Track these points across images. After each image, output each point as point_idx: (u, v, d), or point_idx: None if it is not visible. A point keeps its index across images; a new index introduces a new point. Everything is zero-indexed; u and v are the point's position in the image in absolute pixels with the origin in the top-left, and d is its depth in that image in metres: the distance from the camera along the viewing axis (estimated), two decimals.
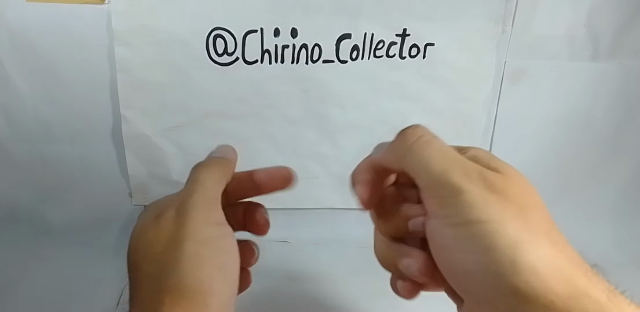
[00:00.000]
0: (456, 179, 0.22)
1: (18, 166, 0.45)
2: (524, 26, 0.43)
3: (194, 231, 0.24)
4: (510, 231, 0.20)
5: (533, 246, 0.20)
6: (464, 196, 0.21)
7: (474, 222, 0.21)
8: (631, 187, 0.51)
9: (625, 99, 0.47)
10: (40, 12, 0.39)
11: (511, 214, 0.21)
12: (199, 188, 0.27)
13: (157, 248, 0.24)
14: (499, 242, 0.20)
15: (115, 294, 0.41)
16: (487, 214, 0.21)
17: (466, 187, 0.21)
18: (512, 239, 0.20)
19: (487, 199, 0.21)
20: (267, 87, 0.42)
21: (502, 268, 0.20)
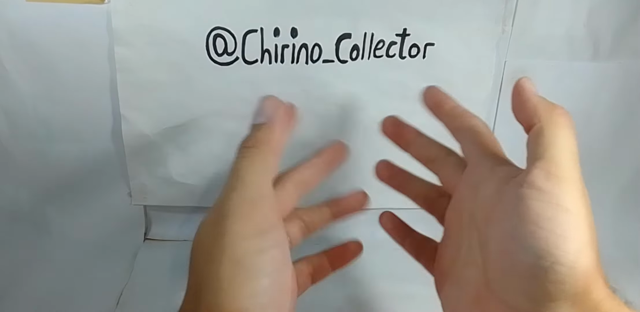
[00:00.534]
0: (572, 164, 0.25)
1: (18, 165, 0.45)
2: (524, 26, 0.43)
3: (229, 247, 0.22)
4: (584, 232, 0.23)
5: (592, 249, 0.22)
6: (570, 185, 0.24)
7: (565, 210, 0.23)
8: (631, 187, 0.51)
9: (625, 99, 0.47)
10: (40, 12, 0.39)
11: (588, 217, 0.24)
12: (237, 185, 0.24)
13: (198, 262, 0.23)
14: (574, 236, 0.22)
15: (115, 294, 0.41)
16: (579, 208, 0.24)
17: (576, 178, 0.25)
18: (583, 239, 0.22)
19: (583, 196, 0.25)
20: (267, 87, 0.42)
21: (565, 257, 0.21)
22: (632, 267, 0.48)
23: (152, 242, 0.48)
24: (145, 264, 0.45)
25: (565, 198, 0.23)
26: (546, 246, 0.21)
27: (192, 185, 0.46)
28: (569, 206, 0.23)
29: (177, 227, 0.49)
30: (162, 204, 0.47)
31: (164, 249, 0.47)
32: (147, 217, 0.49)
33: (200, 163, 0.45)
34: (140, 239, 0.48)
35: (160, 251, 0.47)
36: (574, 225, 0.22)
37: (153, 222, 0.49)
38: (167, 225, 0.49)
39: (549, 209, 0.22)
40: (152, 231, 0.49)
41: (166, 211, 0.48)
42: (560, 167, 0.23)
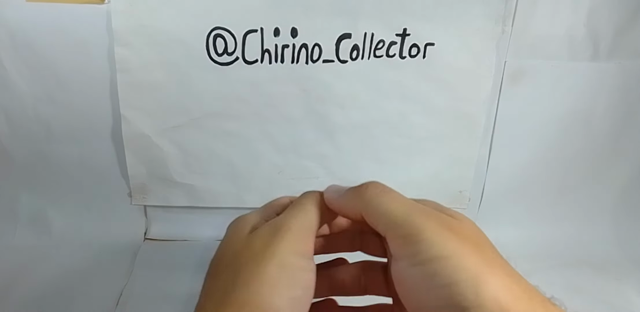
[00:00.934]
0: (417, 219, 0.23)
1: (18, 165, 0.45)
2: (524, 26, 0.43)
3: (281, 255, 0.23)
4: (470, 265, 0.21)
5: (493, 277, 0.21)
6: (425, 234, 0.22)
7: (436, 258, 0.22)
8: (631, 187, 0.50)
9: (625, 99, 0.47)
10: (40, 12, 0.39)
11: (469, 250, 0.22)
12: (302, 215, 0.26)
13: (241, 260, 0.24)
14: (461, 276, 0.21)
15: (115, 294, 0.41)
16: (447, 250, 0.22)
17: (426, 226, 0.23)
18: (473, 272, 0.21)
19: (446, 236, 0.22)
20: (267, 87, 0.42)
21: (467, 301, 0.21)
22: (632, 267, 0.48)
23: (152, 242, 0.48)
24: (145, 264, 0.45)
25: (429, 249, 0.22)
26: (447, 300, 0.21)
27: (192, 185, 0.46)
28: (439, 254, 0.22)
29: (177, 227, 0.49)
30: (162, 204, 0.47)
31: (164, 249, 0.47)
32: (147, 217, 0.49)
33: (200, 163, 0.45)
34: (140, 239, 0.48)
35: (160, 251, 0.47)
36: (457, 266, 0.21)
37: (153, 222, 0.49)
38: (167, 225, 0.49)
39: (423, 269, 0.22)
40: (152, 231, 0.49)
41: (166, 211, 0.48)
42: (401, 227, 0.23)
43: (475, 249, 0.22)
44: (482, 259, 0.22)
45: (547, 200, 0.51)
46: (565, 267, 0.47)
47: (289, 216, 0.26)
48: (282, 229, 0.25)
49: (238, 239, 0.26)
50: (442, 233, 0.22)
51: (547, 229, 0.51)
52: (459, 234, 0.23)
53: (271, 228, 0.25)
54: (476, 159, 0.48)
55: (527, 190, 0.50)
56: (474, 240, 0.23)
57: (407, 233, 0.23)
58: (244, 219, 0.27)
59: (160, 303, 0.40)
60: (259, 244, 0.24)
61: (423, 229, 0.22)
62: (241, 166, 0.46)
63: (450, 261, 0.21)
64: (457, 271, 0.21)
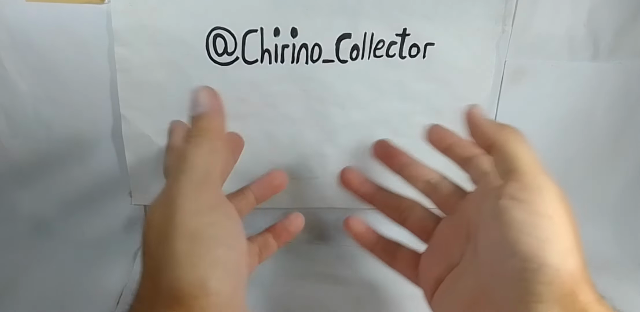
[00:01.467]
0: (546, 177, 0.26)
1: (18, 165, 0.45)
2: (524, 26, 0.43)
3: (182, 223, 0.22)
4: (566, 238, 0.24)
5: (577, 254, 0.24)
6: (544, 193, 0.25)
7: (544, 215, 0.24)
8: (631, 187, 0.51)
9: (625, 99, 0.47)
10: (40, 12, 0.39)
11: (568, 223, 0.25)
12: (186, 168, 0.24)
13: (151, 243, 0.23)
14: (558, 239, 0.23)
15: (115, 294, 0.41)
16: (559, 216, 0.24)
17: (551, 186, 0.25)
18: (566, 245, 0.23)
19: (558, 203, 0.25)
20: (267, 87, 0.42)
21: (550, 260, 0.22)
22: (632, 267, 0.48)
23: None
24: None
25: (544, 206, 0.24)
26: (532, 250, 0.22)
27: None
28: (550, 213, 0.24)
29: None
30: None
31: None
32: None
33: None
34: (140, 238, 0.48)
35: None
36: (557, 230, 0.23)
37: None
38: None
39: (530, 217, 0.23)
40: None
41: None
42: (532, 177, 0.25)
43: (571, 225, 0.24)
44: (575, 236, 0.24)
45: None
46: None
47: (173, 178, 0.24)
48: (173, 195, 0.24)
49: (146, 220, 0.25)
50: (559, 199, 0.24)
51: None
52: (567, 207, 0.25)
53: (161, 201, 0.24)
54: None
55: None
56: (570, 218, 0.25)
57: (531, 183, 0.25)
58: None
59: None
60: (159, 221, 0.24)
61: (547, 188, 0.24)
62: (241, 165, 0.46)
63: (554, 225, 0.23)
64: (556, 235, 0.23)
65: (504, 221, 0.24)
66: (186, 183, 0.24)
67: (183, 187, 0.24)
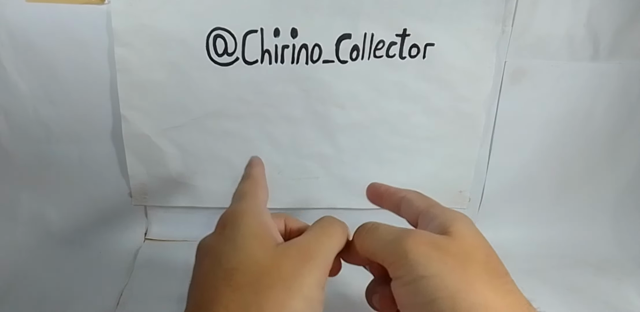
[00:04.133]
0: (402, 244, 0.25)
1: (18, 166, 0.45)
2: (524, 26, 0.43)
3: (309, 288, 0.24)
4: (450, 283, 0.23)
5: (471, 295, 0.23)
6: (410, 256, 0.24)
7: (419, 278, 0.24)
8: (631, 187, 0.51)
9: (625, 99, 0.47)
10: (40, 12, 0.39)
11: (451, 268, 0.24)
12: (328, 242, 0.27)
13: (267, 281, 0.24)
14: (440, 294, 0.23)
15: (115, 294, 0.41)
16: (429, 270, 0.24)
17: (410, 249, 0.24)
18: (451, 290, 0.23)
19: (430, 257, 0.24)
20: (267, 87, 0.43)
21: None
22: (632, 267, 0.48)
23: (152, 242, 0.48)
24: (145, 264, 0.45)
25: (413, 270, 0.24)
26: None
27: (192, 185, 0.46)
28: (423, 274, 0.24)
29: (177, 227, 0.49)
30: (162, 204, 0.47)
31: (164, 249, 0.47)
32: (147, 217, 0.49)
33: (200, 163, 0.45)
34: (140, 239, 0.48)
35: (160, 251, 0.47)
36: (437, 285, 0.23)
37: (153, 222, 0.49)
38: (167, 225, 0.49)
39: (410, 288, 0.24)
40: (152, 231, 0.49)
41: (166, 211, 0.48)
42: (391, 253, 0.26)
43: (458, 267, 0.24)
44: (463, 276, 0.23)
45: (547, 200, 0.51)
46: (565, 267, 0.47)
47: (318, 242, 0.27)
48: (312, 257, 0.25)
49: (263, 252, 0.25)
50: (427, 254, 0.24)
51: (547, 229, 0.51)
52: (444, 253, 0.24)
53: (301, 252, 0.25)
54: (476, 159, 0.48)
55: (527, 190, 0.50)
56: (460, 257, 0.24)
57: (395, 258, 0.25)
58: (261, 225, 0.27)
59: (160, 303, 0.40)
60: (288, 268, 0.24)
61: (408, 252, 0.24)
62: (241, 166, 0.46)
63: (431, 280, 0.23)
64: (437, 290, 0.23)
65: (400, 303, 0.25)
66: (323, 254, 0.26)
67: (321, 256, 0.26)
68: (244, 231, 0.26)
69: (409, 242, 0.25)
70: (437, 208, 0.29)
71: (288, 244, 0.26)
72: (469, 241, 0.26)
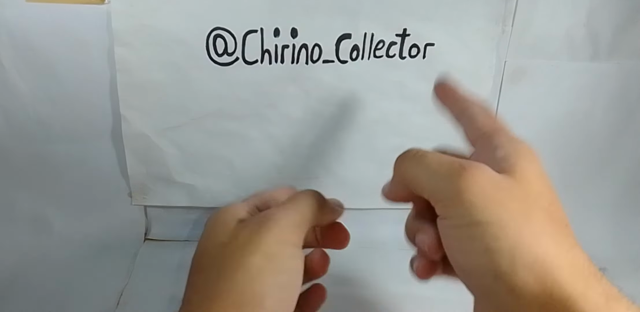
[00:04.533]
0: (457, 179, 0.22)
1: (18, 165, 0.45)
2: (524, 26, 0.43)
3: (266, 245, 0.24)
4: (511, 233, 0.21)
5: (533, 247, 0.20)
6: (465, 196, 0.21)
7: (475, 223, 0.21)
8: (631, 187, 0.51)
9: (625, 99, 0.47)
10: (40, 12, 0.39)
11: (512, 215, 0.21)
12: (293, 209, 0.27)
13: (226, 251, 0.25)
14: (499, 245, 0.20)
15: (115, 294, 0.41)
16: (488, 215, 0.21)
17: (466, 186, 0.21)
18: (511, 241, 0.20)
19: (488, 199, 0.21)
20: (267, 87, 0.43)
21: (501, 269, 0.20)
22: (631, 268, 0.48)
23: (152, 242, 0.48)
24: (145, 264, 0.45)
25: (468, 214, 0.21)
26: (481, 264, 0.21)
27: (192, 185, 0.46)
28: (480, 219, 0.21)
29: (177, 227, 0.49)
30: (162, 204, 0.47)
31: (164, 249, 0.47)
32: (147, 217, 0.49)
33: (200, 163, 0.45)
34: (140, 239, 0.48)
35: (160, 251, 0.47)
36: (495, 234, 0.21)
37: (153, 222, 0.49)
38: (167, 225, 0.49)
39: (462, 232, 0.22)
40: (152, 231, 0.49)
41: (166, 211, 0.48)
42: (441, 190, 0.22)
43: (521, 214, 0.21)
44: (526, 226, 0.21)
45: None
46: None
47: (280, 209, 0.26)
48: (269, 221, 0.25)
49: (223, 231, 0.26)
50: (486, 195, 0.21)
51: None
52: (507, 197, 0.21)
53: (259, 219, 0.25)
54: None
55: None
56: (524, 202, 0.22)
57: (446, 196, 0.22)
58: (227, 211, 0.28)
59: (160, 303, 0.40)
60: (246, 235, 0.25)
61: (463, 191, 0.21)
62: (241, 166, 0.46)
63: (490, 227, 0.21)
64: (495, 239, 0.20)
65: (447, 245, 0.23)
66: (285, 218, 0.26)
67: (282, 220, 0.25)
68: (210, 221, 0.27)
69: (465, 179, 0.21)
70: (503, 135, 0.25)
71: (250, 217, 0.26)
72: (534, 184, 0.23)
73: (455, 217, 0.22)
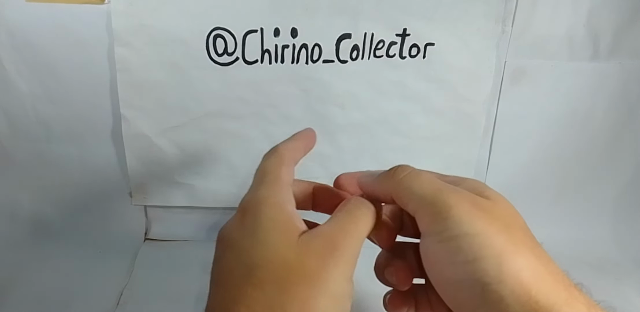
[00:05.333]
0: (446, 197, 0.23)
1: (18, 165, 0.45)
2: (524, 26, 0.43)
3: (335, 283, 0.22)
4: (496, 243, 0.22)
5: (518, 256, 0.22)
6: (453, 211, 0.23)
7: (463, 235, 0.22)
8: (631, 187, 0.51)
9: (625, 99, 0.47)
10: (40, 12, 0.39)
11: (496, 229, 0.22)
12: (356, 231, 0.25)
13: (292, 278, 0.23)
14: (486, 253, 0.21)
15: (115, 294, 0.41)
16: (474, 228, 0.22)
17: (455, 203, 0.23)
18: (498, 250, 0.22)
19: (474, 214, 0.23)
20: (267, 87, 0.42)
21: (489, 277, 0.21)
22: (632, 267, 0.48)
23: (152, 242, 0.48)
24: (145, 264, 0.45)
25: (456, 226, 0.22)
26: (469, 275, 0.22)
27: (192, 185, 0.46)
28: (467, 231, 0.22)
29: (177, 227, 0.49)
30: (162, 204, 0.47)
31: (164, 249, 0.47)
32: (147, 217, 0.49)
33: (200, 163, 0.45)
34: (140, 239, 0.48)
35: (160, 251, 0.47)
36: (482, 243, 0.22)
37: (153, 222, 0.49)
38: (167, 225, 0.49)
39: (450, 245, 0.22)
40: (152, 231, 0.49)
41: (166, 211, 0.48)
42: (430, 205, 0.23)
43: (503, 229, 0.22)
44: (509, 238, 0.22)
45: (547, 200, 0.51)
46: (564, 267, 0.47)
47: (343, 232, 0.24)
48: (338, 250, 0.23)
49: (284, 244, 0.23)
50: (471, 211, 0.23)
51: (547, 229, 0.51)
52: (489, 214, 0.23)
53: (326, 244, 0.23)
54: (476, 159, 0.48)
55: (527, 190, 0.50)
56: (504, 220, 0.23)
57: (435, 211, 0.23)
58: (280, 208, 0.25)
59: (160, 303, 0.40)
60: (312, 263, 0.23)
61: (451, 207, 0.23)
62: (241, 166, 0.46)
63: (477, 238, 0.22)
64: (482, 248, 0.21)
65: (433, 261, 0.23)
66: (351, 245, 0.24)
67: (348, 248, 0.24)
68: (265, 223, 0.24)
69: (453, 197, 0.23)
70: (449, 176, 0.27)
71: (312, 234, 0.24)
72: (507, 207, 0.25)
73: (443, 231, 0.23)
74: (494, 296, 0.21)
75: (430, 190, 0.24)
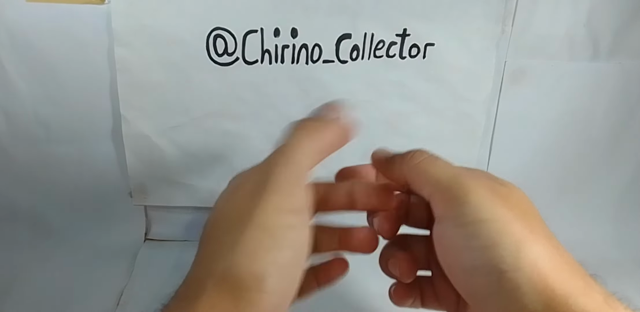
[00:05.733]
0: (464, 182, 0.23)
1: (18, 166, 0.45)
2: (524, 26, 0.43)
3: (263, 216, 0.22)
4: (515, 229, 0.21)
5: (536, 244, 0.21)
6: (471, 196, 0.22)
7: (481, 220, 0.22)
8: (631, 187, 0.51)
9: (625, 99, 0.47)
10: (40, 12, 0.39)
11: (514, 216, 0.22)
12: (285, 161, 0.24)
13: (225, 225, 0.23)
14: (504, 240, 0.21)
15: (115, 294, 0.41)
16: (492, 214, 0.22)
17: (473, 189, 0.22)
18: (516, 237, 0.21)
19: (492, 201, 0.22)
20: (267, 87, 0.42)
21: (506, 264, 0.21)
22: (632, 267, 0.48)
23: (152, 242, 0.48)
24: (145, 264, 0.45)
25: (474, 212, 0.22)
26: (486, 261, 0.21)
27: (192, 185, 0.46)
28: (485, 216, 0.22)
29: (177, 227, 0.49)
30: (162, 204, 0.47)
31: (164, 249, 0.47)
32: (147, 217, 0.49)
33: (200, 163, 0.45)
34: (140, 239, 0.48)
35: (160, 251, 0.47)
36: (501, 229, 0.21)
37: (153, 222, 0.49)
38: (167, 225, 0.49)
39: (466, 230, 0.22)
40: (152, 231, 0.49)
41: (166, 211, 0.48)
42: (448, 189, 0.23)
43: (521, 217, 0.22)
44: (527, 226, 0.22)
45: (547, 200, 0.51)
46: None
47: (272, 165, 0.24)
48: (263, 184, 0.23)
49: (224, 201, 0.24)
50: (489, 197, 0.22)
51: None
52: (506, 200, 0.23)
53: (253, 184, 0.23)
54: (476, 159, 0.48)
55: (527, 190, 0.50)
56: (521, 208, 0.23)
57: (453, 195, 0.23)
58: (234, 178, 0.26)
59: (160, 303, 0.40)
60: (242, 204, 0.23)
61: (469, 191, 0.22)
62: (241, 166, 0.46)
63: (494, 224, 0.21)
64: (500, 235, 0.21)
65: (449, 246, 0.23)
66: (281, 177, 0.23)
67: (275, 182, 0.23)
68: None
69: (472, 182, 0.23)
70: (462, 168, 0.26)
71: (244, 180, 0.24)
72: (523, 195, 0.24)
73: (460, 216, 0.22)
74: (510, 283, 0.20)
75: (447, 174, 0.24)
